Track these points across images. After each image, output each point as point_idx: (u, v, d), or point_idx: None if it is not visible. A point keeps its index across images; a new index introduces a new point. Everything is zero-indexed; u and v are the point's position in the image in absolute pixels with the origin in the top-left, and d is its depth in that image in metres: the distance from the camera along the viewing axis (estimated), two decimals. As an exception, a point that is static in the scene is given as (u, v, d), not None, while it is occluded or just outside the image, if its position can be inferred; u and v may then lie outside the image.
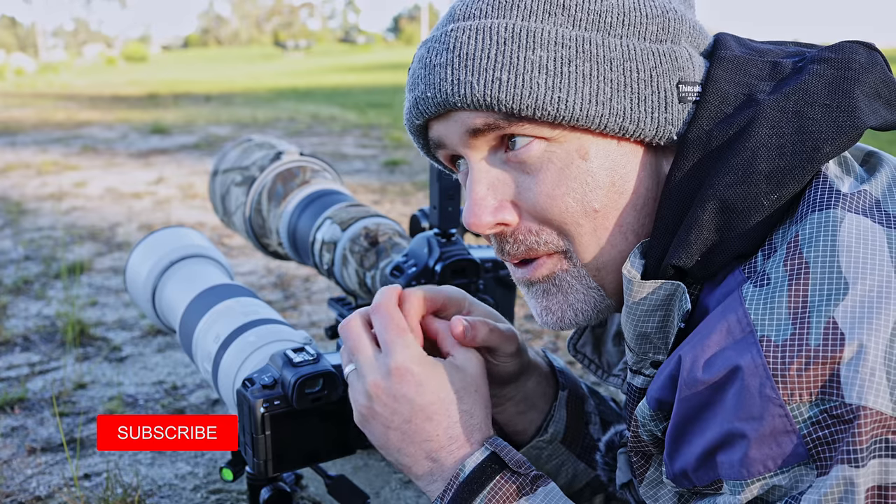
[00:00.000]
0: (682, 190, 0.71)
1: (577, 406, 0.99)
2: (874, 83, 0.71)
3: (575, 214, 0.73)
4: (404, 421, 0.80)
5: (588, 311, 0.78)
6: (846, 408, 0.56)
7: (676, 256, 0.69)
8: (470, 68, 0.70)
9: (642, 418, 0.71)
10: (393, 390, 0.80)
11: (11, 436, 1.63)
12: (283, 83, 14.30)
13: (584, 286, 0.77)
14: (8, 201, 4.14)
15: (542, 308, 0.80)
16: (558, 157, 0.72)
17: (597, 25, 0.71)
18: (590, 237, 0.74)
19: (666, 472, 0.69)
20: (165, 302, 1.36)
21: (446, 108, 0.73)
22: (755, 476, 0.60)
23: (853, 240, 0.61)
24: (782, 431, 0.58)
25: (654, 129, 0.72)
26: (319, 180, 1.73)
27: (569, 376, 1.00)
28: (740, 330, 0.61)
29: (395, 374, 0.80)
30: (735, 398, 0.60)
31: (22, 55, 28.54)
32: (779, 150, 0.67)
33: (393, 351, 0.81)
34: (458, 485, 0.77)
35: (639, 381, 0.77)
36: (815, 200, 0.65)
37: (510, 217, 0.76)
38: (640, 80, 0.71)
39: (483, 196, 0.75)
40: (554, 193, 0.73)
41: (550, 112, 0.70)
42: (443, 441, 0.80)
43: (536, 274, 0.79)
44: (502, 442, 0.80)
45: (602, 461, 1.00)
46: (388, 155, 5.51)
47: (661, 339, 0.73)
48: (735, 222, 0.67)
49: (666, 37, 0.73)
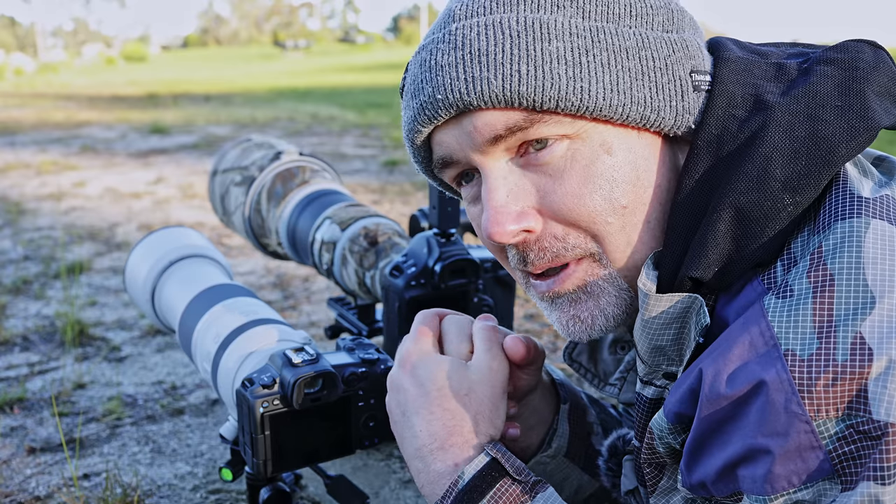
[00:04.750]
0: (694, 198, 0.69)
1: (579, 418, 0.98)
2: (883, 82, 0.71)
3: (604, 213, 0.70)
4: (401, 413, 0.81)
5: (619, 315, 0.75)
6: (874, 424, 0.55)
7: (694, 268, 0.67)
8: (484, 64, 0.68)
9: (659, 431, 0.69)
10: (397, 380, 0.82)
11: (11, 436, 1.63)
12: (283, 83, 14.30)
13: (616, 288, 0.74)
14: (7, 201, 4.13)
15: (570, 318, 0.76)
16: (582, 155, 0.70)
17: (606, 16, 0.70)
18: (619, 235, 0.72)
19: (682, 480, 0.68)
20: (165, 302, 1.36)
21: (459, 110, 0.70)
22: (779, 492, 0.59)
23: (879, 250, 0.59)
24: (808, 447, 0.57)
25: (674, 118, 0.71)
26: (319, 180, 1.73)
27: (569, 388, 0.99)
28: (763, 343, 0.60)
29: (400, 363, 0.82)
30: (759, 413, 0.59)
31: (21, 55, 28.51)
32: (793, 154, 0.66)
33: (403, 342, 0.82)
34: (458, 492, 0.74)
35: (650, 391, 0.75)
36: (838, 208, 0.63)
37: (534, 223, 0.72)
38: (657, 69, 0.70)
39: (504, 203, 0.72)
40: (581, 192, 0.70)
41: (574, 102, 0.68)
42: (424, 439, 0.78)
43: (565, 286, 0.75)
44: (503, 448, 0.78)
45: (605, 466, 0.98)
46: (388, 155, 5.50)
47: (676, 350, 0.71)
48: (752, 230, 0.65)
49: (672, 27, 0.73)
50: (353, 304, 1.65)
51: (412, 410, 0.79)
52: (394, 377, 0.83)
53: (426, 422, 0.78)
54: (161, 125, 7.32)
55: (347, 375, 1.03)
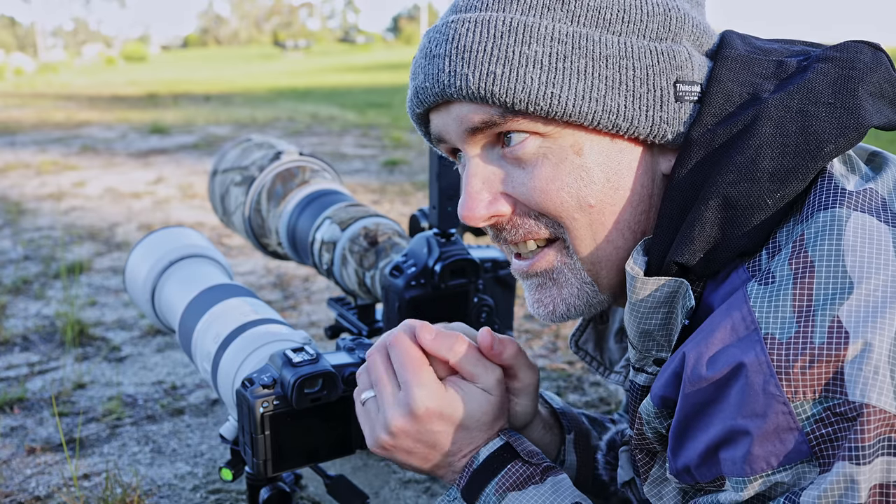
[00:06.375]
0: (685, 187, 0.71)
1: (584, 446, 1.00)
2: (879, 82, 0.71)
3: (570, 209, 0.74)
4: (428, 448, 0.83)
5: (580, 306, 0.80)
6: (849, 405, 0.56)
7: (680, 253, 0.69)
8: (467, 60, 0.71)
9: (647, 416, 0.71)
10: (417, 432, 0.82)
11: (11, 436, 1.63)
12: (283, 83, 14.29)
13: (579, 280, 0.78)
14: (7, 201, 4.14)
15: (535, 300, 0.82)
16: (553, 153, 0.73)
17: (595, 22, 0.72)
18: (585, 231, 0.75)
19: (669, 467, 0.70)
20: (165, 302, 1.36)
21: (444, 99, 0.75)
22: (758, 473, 0.60)
23: (859, 239, 0.61)
24: (785, 429, 0.58)
25: (649, 127, 0.72)
26: (319, 180, 1.73)
27: (571, 416, 1.00)
28: (745, 327, 0.61)
29: (419, 418, 0.81)
30: (739, 395, 0.60)
31: (21, 55, 28.52)
32: (782, 147, 0.67)
33: (412, 392, 0.81)
34: (472, 472, 0.81)
35: (641, 378, 0.77)
36: (821, 199, 0.65)
37: (504, 208, 0.77)
38: (636, 78, 0.71)
39: (478, 190, 0.77)
40: (548, 188, 0.74)
41: (543, 107, 0.70)
42: (465, 451, 0.83)
43: (535, 267, 0.80)
44: (517, 434, 0.84)
45: (603, 460, 1.00)
46: (388, 155, 5.50)
47: (665, 336, 0.73)
48: (738, 220, 0.67)
49: (667, 35, 0.73)
50: (353, 304, 1.65)
51: (450, 442, 0.83)
52: (411, 426, 0.81)
53: (468, 442, 0.83)
54: (161, 125, 7.32)
55: (347, 375, 1.03)
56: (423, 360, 0.83)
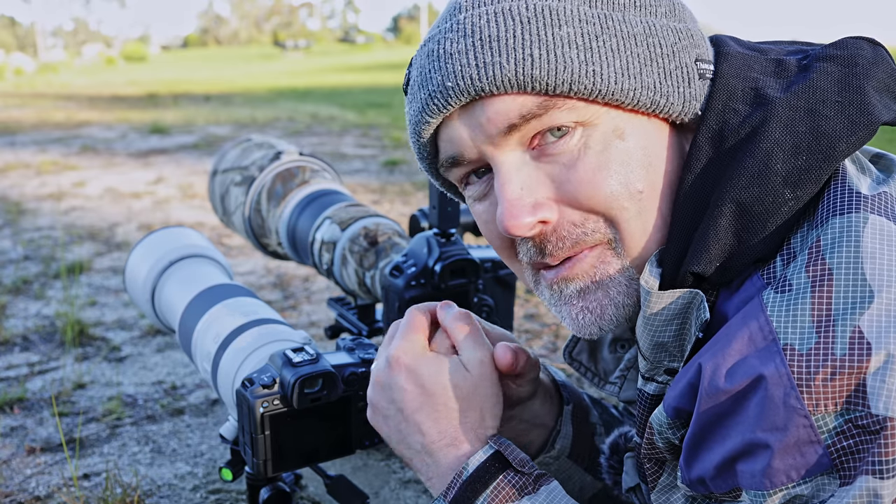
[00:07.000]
0: (696, 193, 0.70)
1: (582, 419, 0.98)
2: (882, 78, 0.71)
3: (620, 197, 0.70)
4: (397, 411, 0.81)
5: (630, 306, 0.74)
6: (872, 419, 0.55)
7: (696, 263, 0.67)
8: (496, 49, 0.68)
9: (658, 426, 0.70)
10: (387, 379, 0.81)
11: (11, 436, 1.63)
12: (283, 83, 14.29)
13: (627, 278, 0.74)
14: (7, 201, 4.13)
15: (580, 309, 0.75)
16: (595, 141, 0.70)
17: (611, 4, 0.71)
18: (636, 221, 0.71)
19: (681, 477, 0.68)
20: (165, 302, 1.36)
21: (471, 97, 0.70)
22: (777, 487, 0.59)
23: (877, 245, 0.60)
24: (806, 442, 0.57)
25: (682, 104, 0.71)
26: (319, 180, 1.73)
27: (571, 390, 0.99)
28: (762, 338, 0.60)
29: (390, 364, 0.81)
30: (758, 408, 0.59)
31: (21, 55, 28.51)
32: (794, 149, 0.66)
33: (392, 342, 0.82)
34: (461, 483, 0.76)
35: (651, 387, 0.75)
36: (836, 203, 0.64)
37: (549, 214, 0.72)
38: (665, 55, 0.71)
39: (518, 195, 0.71)
40: (596, 178, 0.70)
41: (587, 86, 0.68)
42: (433, 436, 0.79)
43: (574, 271, 0.74)
44: (507, 441, 0.79)
45: (606, 464, 0.99)
46: (388, 155, 5.50)
47: (677, 347, 0.71)
48: (753, 225, 0.66)
49: (675, 17, 0.74)
50: (353, 304, 1.65)
51: (414, 409, 0.80)
52: (384, 376, 0.83)
53: (433, 420, 0.79)
54: (161, 125, 7.32)
55: (347, 375, 1.03)
56: (420, 326, 0.84)
